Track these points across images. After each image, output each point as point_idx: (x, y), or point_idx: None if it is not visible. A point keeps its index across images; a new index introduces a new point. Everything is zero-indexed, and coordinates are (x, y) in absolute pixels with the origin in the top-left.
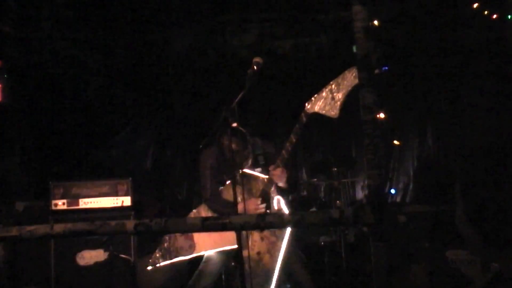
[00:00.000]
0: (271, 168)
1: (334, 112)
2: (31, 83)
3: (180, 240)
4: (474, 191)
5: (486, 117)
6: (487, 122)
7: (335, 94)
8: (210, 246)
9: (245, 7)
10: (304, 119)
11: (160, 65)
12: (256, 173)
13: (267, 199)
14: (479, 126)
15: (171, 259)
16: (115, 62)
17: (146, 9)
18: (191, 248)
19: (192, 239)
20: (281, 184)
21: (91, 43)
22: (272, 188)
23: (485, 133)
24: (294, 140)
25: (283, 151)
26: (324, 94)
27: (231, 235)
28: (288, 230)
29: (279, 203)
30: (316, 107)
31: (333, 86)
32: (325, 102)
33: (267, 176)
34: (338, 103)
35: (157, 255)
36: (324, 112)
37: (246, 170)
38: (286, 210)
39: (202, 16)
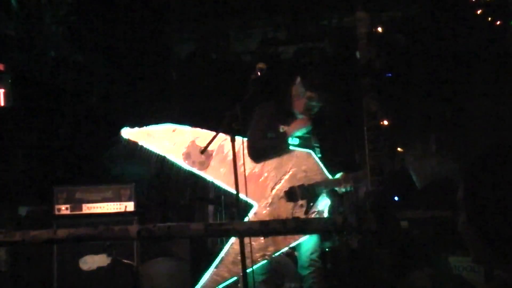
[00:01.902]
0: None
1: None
2: (34, 87)
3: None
4: (478, 197)
5: (489, 123)
6: (490, 128)
7: None
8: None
9: (248, 12)
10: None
11: (163, 69)
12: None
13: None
14: (482, 132)
15: None
16: (118, 66)
17: (150, 13)
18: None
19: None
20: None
21: (94, 47)
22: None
23: (488, 139)
24: None
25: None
26: None
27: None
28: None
29: (325, 205)
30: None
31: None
32: None
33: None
34: None
35: None
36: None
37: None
38: (325, 214)
39: (206, 21)
